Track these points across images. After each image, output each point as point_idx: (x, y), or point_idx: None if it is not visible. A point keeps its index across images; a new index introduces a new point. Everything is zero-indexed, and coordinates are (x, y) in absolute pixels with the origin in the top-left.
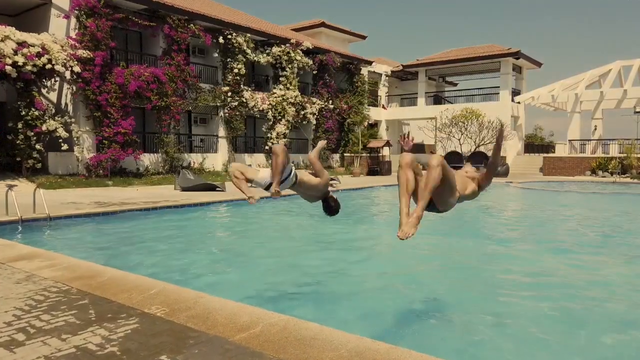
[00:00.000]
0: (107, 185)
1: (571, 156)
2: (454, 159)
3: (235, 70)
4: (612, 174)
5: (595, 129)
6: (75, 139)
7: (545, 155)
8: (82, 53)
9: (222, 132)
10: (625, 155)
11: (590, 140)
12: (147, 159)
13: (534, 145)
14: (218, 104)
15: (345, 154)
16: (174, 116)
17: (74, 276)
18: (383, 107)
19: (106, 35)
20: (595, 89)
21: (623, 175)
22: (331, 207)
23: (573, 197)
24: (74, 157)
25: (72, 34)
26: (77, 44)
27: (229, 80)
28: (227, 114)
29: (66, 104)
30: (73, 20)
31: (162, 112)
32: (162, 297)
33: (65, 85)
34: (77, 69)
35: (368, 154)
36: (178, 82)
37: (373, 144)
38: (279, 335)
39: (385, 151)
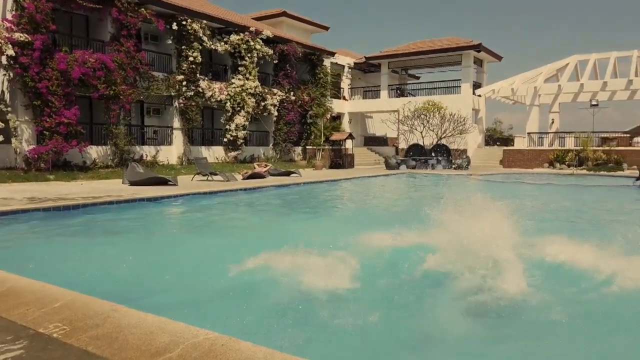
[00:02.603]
0: (48, 180)
1: (530, 149)
2: (417, 152)
3: (191, 59)
4: (569, 166)
5: (553, 122)
6: (12, 129)
7: (505, 147)
8: (19, 36)
9: (177, 123)
10: (581, 147)
11: (548, 133)
12: (95, 152)
13: (494, 138)
14: (172, 94)
15: (307, 147)
16: (123, 106)
17: None
18: (344, 98)
19: (47, 18)
20: (553, 82)
21: (580, 168)
22: None
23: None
24: (12, 150)
25: (8, 16)
26: (13, 27)
27: (184, 69)
28: (182, 105)
29: (2, 92)
30: (9, 1)
31: (111, 101)
32: (67, 312)
33: (1, 71)
34: (10, 52)
35: (331, 147)
36: (128, 70)
37: (336, 136)
38: None
39: (348, 144)
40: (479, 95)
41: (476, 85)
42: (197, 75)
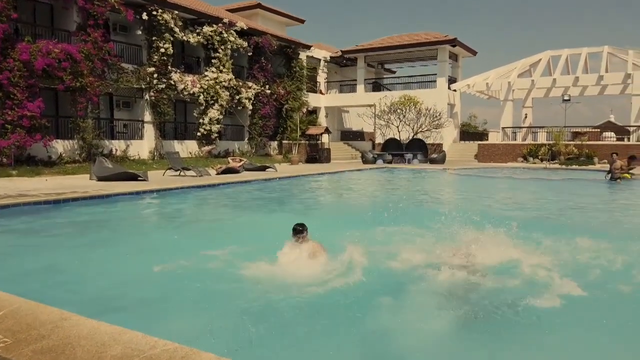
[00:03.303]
0: (10, 176)
1: (504, 143)
2: (393, 147)
3: (162, 50)
4: (542, 160)
5: (526, 117)
6: None
7: (480, 142)
8: None
9: (148, 116)
10: (554, 142)
11: (522, 127)
12: (61, 146)
13: (469, 133)
14: (143, 86)
15: (283, 141)
16: (91, 98)
17: None
18: (321, 92)
19: (8, 6)
20: (527, 77)
21: (552, 162)
22: None
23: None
24: None
25: None
26: None
27: (154, 60)
28: (153, 98)
29: None
30: None
31: (78, 93)
32: (11, 321)
33: None
34: None
35: (307, 141)
36: (95, 61)
37: (312, 130)
38: None
39: (325, 138)
40: (455, 90)
41: (451, 80)
42: (169, 67)
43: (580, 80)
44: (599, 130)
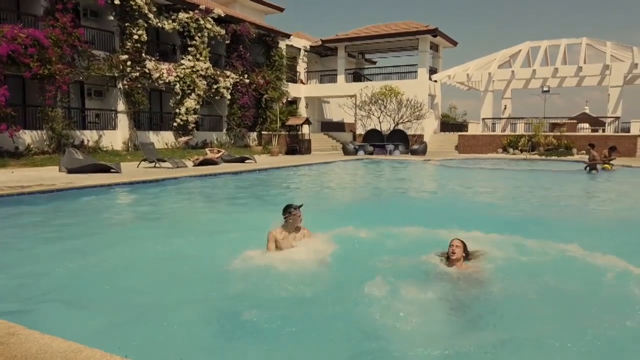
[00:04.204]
0: None
1: (484, 134)
2: (374, 138)
3: (136, 37)
4: (522, 151)
5: (505, 108)
6: None
7: (461, 133)
8: None
9: (121, 106)
10: (533, 133)
11: (501, 118)
12: (29, 137)
13: (449, 124)
14: (116, 75)
15: (263, 132)
16: (60, 87)
17: None
18: (302, 81)
19: None
20: (507, 69)
21: (532, 153)
22: None
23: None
24: None
25: None
26: None
27: (128, 47)
28: (127, 86)
29: None
30: None
31: (46, 81)
32: None
33: None
34: None
35: (287, 132)
36: (64, 48)
37: (292, 121)
38: None
39: (305, 129)
40: (435, 81)
41: (432, 71)
42: (143, 55)
43: (559, 72)
44: (575, 121)
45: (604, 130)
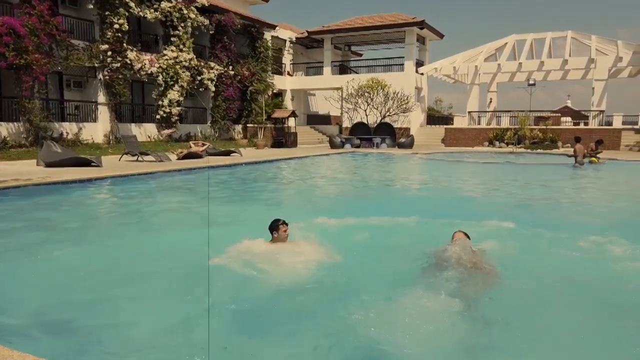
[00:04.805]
0: None
1: (471, 127)
2: (361, 131)
3: (116, 26)
4: (508, 144)
5: (491, 101)
6: None
7: (447, 126)
8: None
9: (102, 97)
10: (519, 126)
11: (487, 112)
12: (5, 129)
13: (435, 117)
14: (96, 65)
15: (248, 125)
16: (37, 77)
17: None
18: (289, 73)
19: None
20: (493, 62)
21: (518, 146)
22: None
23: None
24: None
25: None
26: None
27: (108, 37)
28: (107, 77)
29: None
30: None
31: (22, 71)
32: None
33: None
34: None
35: (273, 125)
36: (42, 37)
37: (278, 114)
38: None
39: (291, 122)
40: (422, 74)
41: (419, 64)
42: (124, 45)
43: (545, 65)
44: (559, 114)
45: (586, 124)
